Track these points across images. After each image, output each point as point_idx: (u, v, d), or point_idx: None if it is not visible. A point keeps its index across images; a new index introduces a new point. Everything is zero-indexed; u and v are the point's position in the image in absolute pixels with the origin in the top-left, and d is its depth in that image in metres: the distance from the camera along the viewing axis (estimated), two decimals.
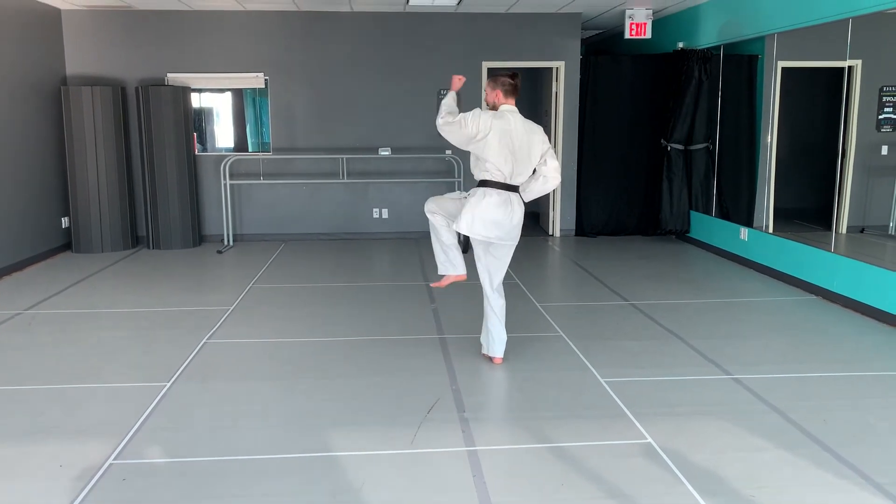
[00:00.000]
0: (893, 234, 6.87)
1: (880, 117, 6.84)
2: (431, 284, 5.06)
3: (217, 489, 3.01)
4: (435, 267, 4.58)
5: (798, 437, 3.44)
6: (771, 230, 7.12)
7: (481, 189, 4.19)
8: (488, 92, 4.30)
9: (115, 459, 3.25)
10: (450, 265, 4.46)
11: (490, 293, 4.38)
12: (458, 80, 4.40)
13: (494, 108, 4.27)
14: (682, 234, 8.70)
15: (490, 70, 8.82)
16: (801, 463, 3.20)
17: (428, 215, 4.41)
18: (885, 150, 6.94)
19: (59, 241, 8.07)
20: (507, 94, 4.24)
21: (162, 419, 3.70)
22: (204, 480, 3.08)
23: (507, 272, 4.42)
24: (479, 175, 4.24)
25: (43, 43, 7.91)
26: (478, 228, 4.16)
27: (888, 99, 6.82)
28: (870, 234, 6.96)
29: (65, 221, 8.16)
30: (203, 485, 3.05)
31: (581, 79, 8.86)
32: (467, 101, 8.74)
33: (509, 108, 4.22)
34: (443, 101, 4.27)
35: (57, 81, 8.14)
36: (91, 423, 3.66)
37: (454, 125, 4.14)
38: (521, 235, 4.35)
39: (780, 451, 3.31)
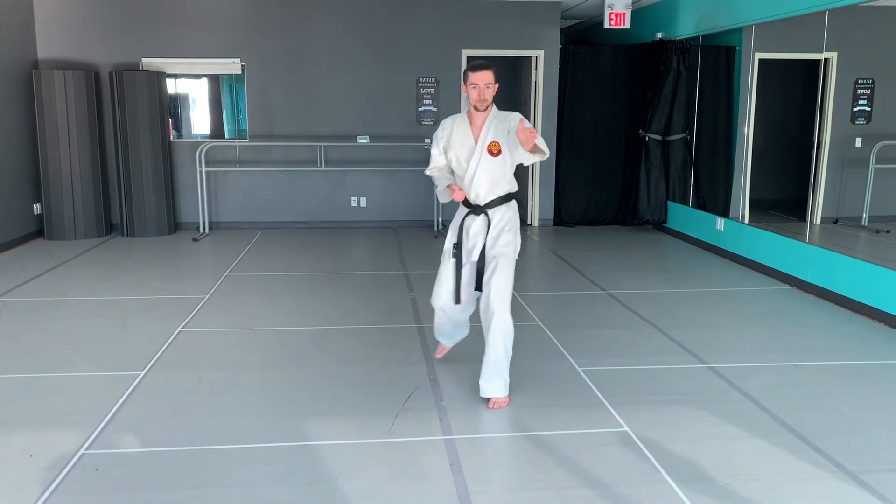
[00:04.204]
0: (866, 224, 6.97)
1: (855, 109, 6.91)
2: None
3: (192, 479, 2.98)
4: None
5: (772, 426, 3.48)
6: (747, 221, 7.18)
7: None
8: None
9: (87, 449, 3.20)
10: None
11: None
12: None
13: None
14: (659, 225, 8.75)
15: (469, 58, 8.80)
16: (776, 451, 3.23)
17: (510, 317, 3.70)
18: (859, 142, 7.03)
19: (31, 227, 7.94)
20: None
21: (136, 409, 3.66)
22: (178, 470, 3.05)
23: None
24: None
25: (14, 26, 7.74)
26: None
27: (862, 91, 6.89)
28: (843, 225, 7.04)
29: (37, 208, 8.02)
30: (177, 475, 3.01)
31: (560, 68, 8.85)
32: (449, 93, 8.72)
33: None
34: None
35: (28, 65, 7.98)
36: (63, 412, 3.60)
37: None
38: None
39: (754, 439, 3.34)
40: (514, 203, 3.79)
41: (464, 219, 3.77)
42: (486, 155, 3.64)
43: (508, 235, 3.72)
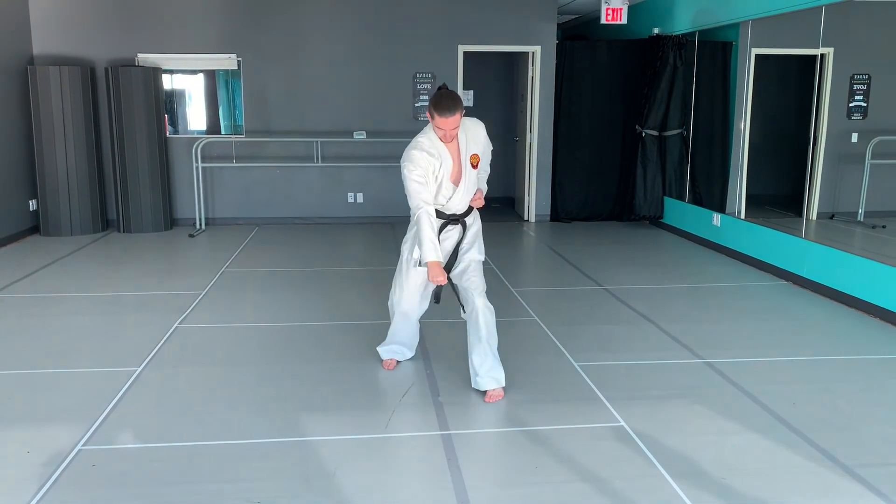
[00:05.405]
0: (862, 220, 6.98)
1: (851, 105, 6.92)
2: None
3: (189, 475, 2.98)
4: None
5: (768, 421, 3.49)
6: (743, 216, 7.19)
7: None
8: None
9: (84, 445, 3.20)
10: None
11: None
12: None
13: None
14: (655, 220, 8.76)
15: (465, 53, 8.80)
16: (771, 446, 3.24)
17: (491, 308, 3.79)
18: (854, 137, 7.04)
19: (27, 223, 7.92)
20: None
21: (132, 404, 3.65)
22: (175, 466, 3.05)
23: (485, 257, 4.26)
24: None
25: (9, 21, 7.71)
26: None
27: (858, 87, 6.90)
28: (839, 220, 7.06)
29: (32, 204, 8.00)
30: (174, 470, 3.01)
31: (557, 64, 8.85)
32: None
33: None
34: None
35: (23, 61, 7.95)
36: (60, 408, 3.60)
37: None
38: (498, 221, 4.30)
39: (750, 434, 3.35)
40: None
41: (440, 230, 3.72)
42: (469, 169, 3.71)
43: (480, 240, 3.88)
